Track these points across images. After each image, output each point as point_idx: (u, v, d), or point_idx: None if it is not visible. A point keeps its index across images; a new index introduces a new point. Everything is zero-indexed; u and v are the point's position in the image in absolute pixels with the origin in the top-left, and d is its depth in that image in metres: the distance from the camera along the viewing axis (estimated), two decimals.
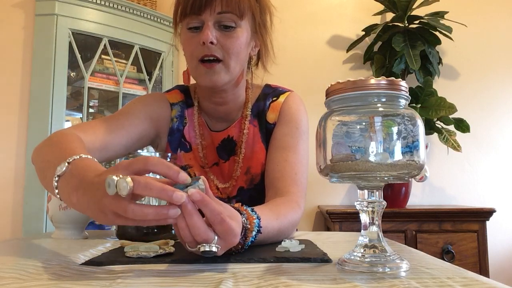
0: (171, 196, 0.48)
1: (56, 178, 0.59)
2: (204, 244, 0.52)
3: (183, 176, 0.51)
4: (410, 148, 0.52)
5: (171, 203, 0.49)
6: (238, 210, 0.61)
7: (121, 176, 0.49)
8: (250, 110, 1.00)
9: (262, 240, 0.69)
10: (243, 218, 0.60)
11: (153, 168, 0.51)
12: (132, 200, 0.50)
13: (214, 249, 0.52)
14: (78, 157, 0.60)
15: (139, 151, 0.97)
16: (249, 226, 0.62)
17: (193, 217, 0.51)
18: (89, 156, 0.62)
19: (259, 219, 0.64)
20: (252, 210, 0.65)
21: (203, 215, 0.53)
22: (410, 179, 0.56)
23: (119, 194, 0.48)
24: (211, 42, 0.85)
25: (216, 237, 0.53)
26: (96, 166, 0.58)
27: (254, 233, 0.63)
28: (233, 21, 0.87)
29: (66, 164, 0.59)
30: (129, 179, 0.48)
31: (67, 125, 1.94)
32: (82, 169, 0.58)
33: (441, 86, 2.25)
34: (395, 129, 0.52)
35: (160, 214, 0.49)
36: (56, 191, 0.59)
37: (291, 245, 0.65)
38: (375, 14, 2.31)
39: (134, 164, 0.51)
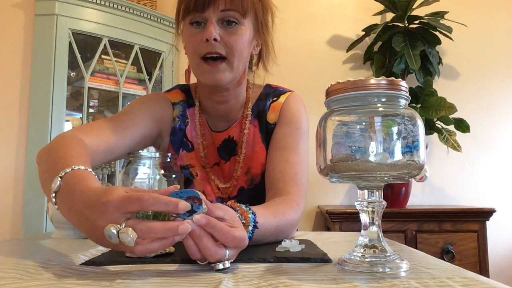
0: (176, 231, 0.48)
1: (53, 195, 0.59)
2: (218, 263, 0.52)
3: (183, 206, 0.49)
4: (410, 148, 0.52)
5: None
6: (232, 207, 0.61)
7: (119, 227, 0.48)
8: (250, 110, 1.00)
9: (261, 237, 0.69)
10: (237, 214, 0.61)
11: (150, 208, 0.49)
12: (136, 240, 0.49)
13: (227, 265, 0.53)
14: (69, 169, 0.60)
15: (139, 151, 0.97)
16: (244, 221, 0.62)
17: (202, 240, 0.51)
18: (81, 167, 0.61)
19: (254, 214, 0.65)
20: (246, 206, 0.65)
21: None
22: (410, 179, 0.56)
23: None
24: (215, 39, 0.85)
25: (227, 252, 0.53)
26: (83, 184, 0.56)
27: (250, 228, 0.63)
28: (236, 18, 0.87)
29: (59, 179, 0.59)
30: (131, 231, 0.48)
31: (67, 125, 1.94)
32: (71, 187, 0.57)
33: (441, 86, 2.25)
34: (395, 129, 0.52)
35: (166, 245, 0.50)
36: (56, 207, 0.60)
37: (291, 245, 0.65)
38: (375, 14, 2.31)
39: (128, 206, 0.49)
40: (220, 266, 0.52)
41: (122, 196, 0.50)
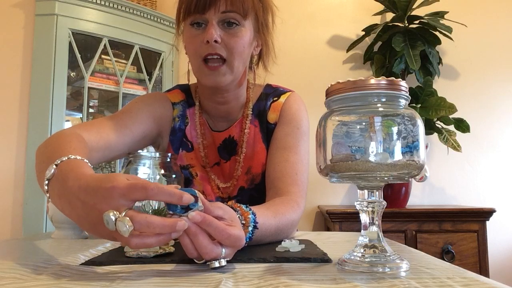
0: (174, 228, 0.48)
1: (46, 182, 0.58)
2: (214, 262, 0.52)
3: (187, 198, 0.49)
4: (410, 148, 0.52)
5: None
6: (232, 208, 0.61)
7: (118, 215, 0.48)
8: (251, 110, 1.00)
9: (260, 238, 0.69)
10: (238, 215, 0.61)
11: (155, 198, 0.49)
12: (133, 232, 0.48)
13: (223, 263, 0.53)
14: (66, 158, 0.59)
15: (139, 151, 0.97)
16: (244, 222, 0.62)
17: (198, 238, 0.51)
18: (77, 157, 0.60)
19: (254, 215, 0.65)
20: (247, 207, 0.65)
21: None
22: (410, 179, 0.56)
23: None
24: (215, 41, 0.85)
25: (223, 250, 0.53)
26: (79, 170, 0.56)
27: (250, 228, 0.63)
28: (236, 20, 0.87)
29: (54, 166, 0.58)
30: (127, 221, 0.47)
31: (67, 125, 1.94)
32: (65, 174, 0.56)
33: (441, 86, 2.25)
34: (395, 129, 0.52)
35: (162, 242, 0.50)
36: (47, 195, 0.58)
37: (291, 245, 0.65)
38: (375, 14, 2.31)
39: (134, 193, 0.49)
40: (216, 264, 0.52)
41: (128, 183, 0.49)
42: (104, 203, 0.49)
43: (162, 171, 0.77)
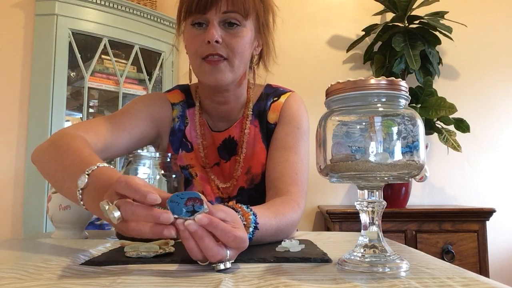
0: (158, 219, 0.49)
1: (80, 191, 0.61)
2: (219, 264, 0.52)
3: (152, 197, 0.50)
4: (410, 148, 0.52)
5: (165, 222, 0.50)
6: (233, 208, 0.61)
7: (110, 204, 0.52)
8: (251, 110, 1.00)
9: (261, 238, 0.69)
10: (239, 215, 0.61)
11: (121, 192, 0.52)
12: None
13: (228, 265, 0.53)
14: (95, 167, 0.62)
15: (139, 150, 0.97)
16: (245, 223, 0.62)
17: (204, 240, 0.51)
18: (105, 164, 0.63)
19: (255, 216, 0.65)
20: (248, 207, 0.65)
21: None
22: (410, 179, 0.56)
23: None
24: (217, 41, 0.85)
25: (228, 252, 0.53)
26: (113, 176, 0.60)
27: (251, 229, 0.63)
28: (238, 20, 0.87)
29: (86, 176, 0.61)
30: (116, 210, 0.51)
31: (67, 125, 1.94)
32: (105, 183, 0.59)
33: (441, 86, 2.25)
34: (395, 129, 0.52)
35: (157, 232, 0.50)
36: (81, 202, 0.61)
37: (291, 245, 0.65)
38: (375, 14, 2.31)
39: (113, 186, 0.53)
40: (221, 266, 0.52)
41: (119, 178, 0.53)
42: (107, 195, 0.54)
43: (162, 171, 0.77)
